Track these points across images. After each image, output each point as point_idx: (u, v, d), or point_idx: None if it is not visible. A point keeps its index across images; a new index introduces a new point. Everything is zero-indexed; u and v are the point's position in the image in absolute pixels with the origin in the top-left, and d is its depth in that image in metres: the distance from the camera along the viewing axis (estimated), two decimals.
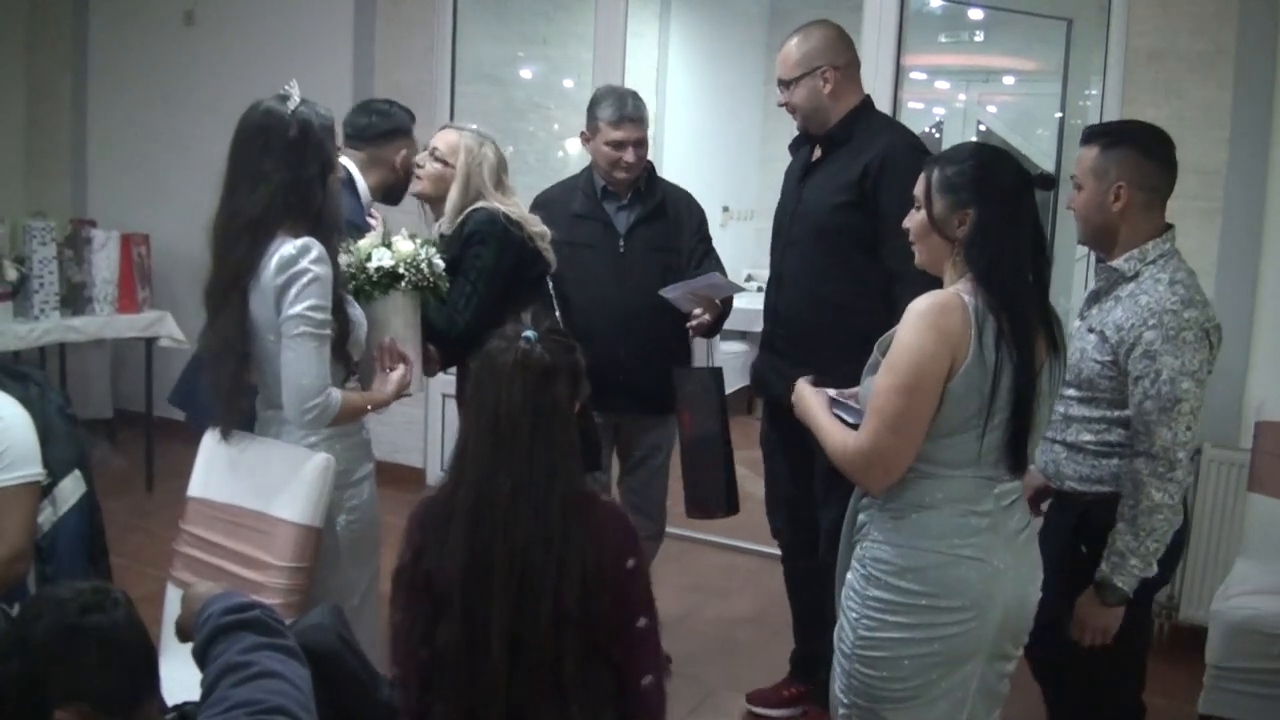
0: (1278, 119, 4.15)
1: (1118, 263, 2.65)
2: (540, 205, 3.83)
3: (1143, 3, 4.32)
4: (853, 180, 3.20)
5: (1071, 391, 2.69)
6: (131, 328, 5.76)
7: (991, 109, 8.16)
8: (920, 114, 8.33)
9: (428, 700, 2.08)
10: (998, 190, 2.24)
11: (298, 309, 2.54)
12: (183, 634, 1.79)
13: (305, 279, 2.54)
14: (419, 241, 2.98)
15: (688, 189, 4.00)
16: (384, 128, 3.61)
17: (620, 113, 3.71)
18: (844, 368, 2.68)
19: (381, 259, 2.89)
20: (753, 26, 8.88)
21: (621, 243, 3.77)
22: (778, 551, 3.80)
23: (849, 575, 2.38)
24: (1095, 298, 2.72)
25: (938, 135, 8.37)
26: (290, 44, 6.20)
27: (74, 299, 5.52)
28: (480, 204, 3.32)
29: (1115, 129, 2.86)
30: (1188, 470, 2.53)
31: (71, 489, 2.90)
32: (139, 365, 6.00)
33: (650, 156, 3.87)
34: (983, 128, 8.17)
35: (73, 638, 1.56)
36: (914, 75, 7.66)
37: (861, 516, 2.40)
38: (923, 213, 2.33)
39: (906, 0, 4.88)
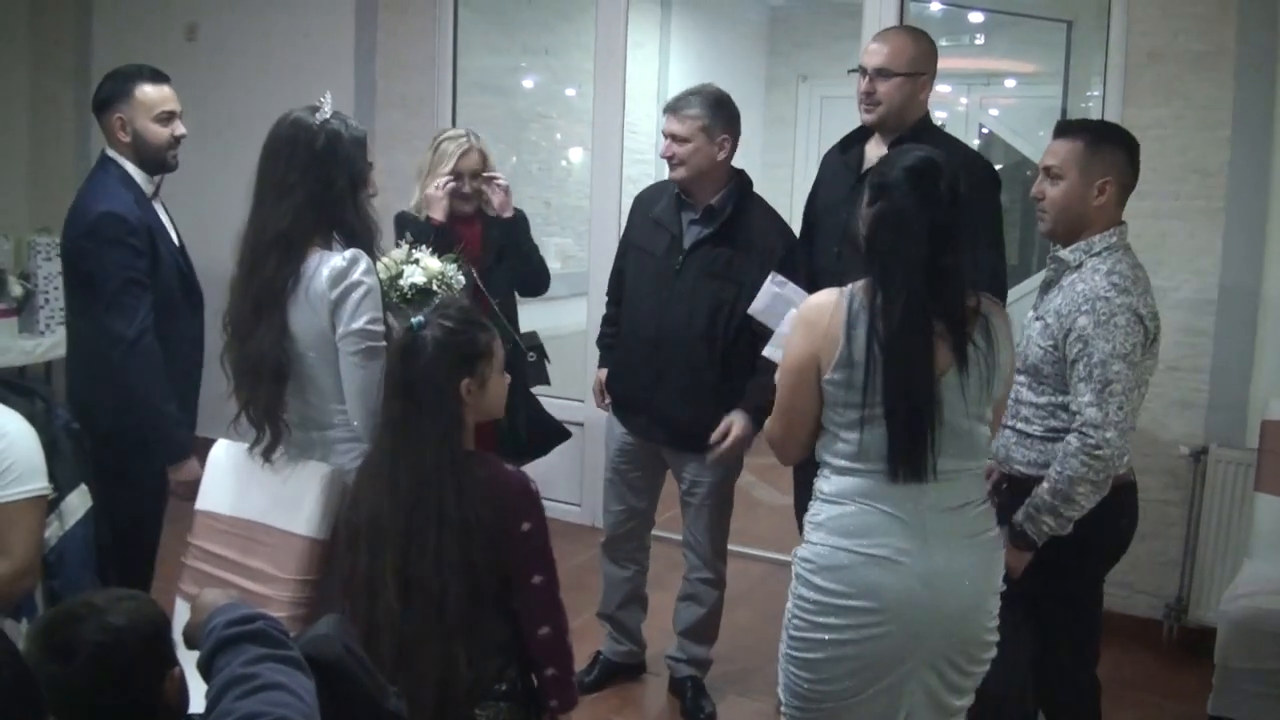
0: (1279, 118, 4.15)
1: (1064, 253, 2.78)
2: (635, 201, 3.83)
3: (1142, 4, 4.32)
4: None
5: (1021, 377, 2.77)
6: None
7: (993, 112, 8.16)
8: None
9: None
10: (902, 190, 2.22)
11: (359, 324, 2.53)
12: (190, 642, 1.79)
13: (360, 292, 2.53)
14: (445, 259, 2.98)
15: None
16: (97, 103, 3.50)
17: (667, 104, 3.55)
18: None
19: (414, 276, 2.89)
20: (752, 35, 8.88)
21: (680, 260, 3.51)
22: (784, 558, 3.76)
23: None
24: (1045, 288, 2.84)
25: None
26: (292, 58, 6.22)
27: None
28: None
29: (1099, 126, 2.94)
30: (1119, 451, 2.60)
31: (78, 503, 2.89)
32: None
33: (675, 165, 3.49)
34: (985, 130, 8.17)
35: (111, 646, 1.63)
36: None
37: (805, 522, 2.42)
38: None
39: (906, 4, 4.88)
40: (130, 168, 3.34)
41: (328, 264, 2.52)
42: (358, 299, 2.52)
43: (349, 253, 2.54)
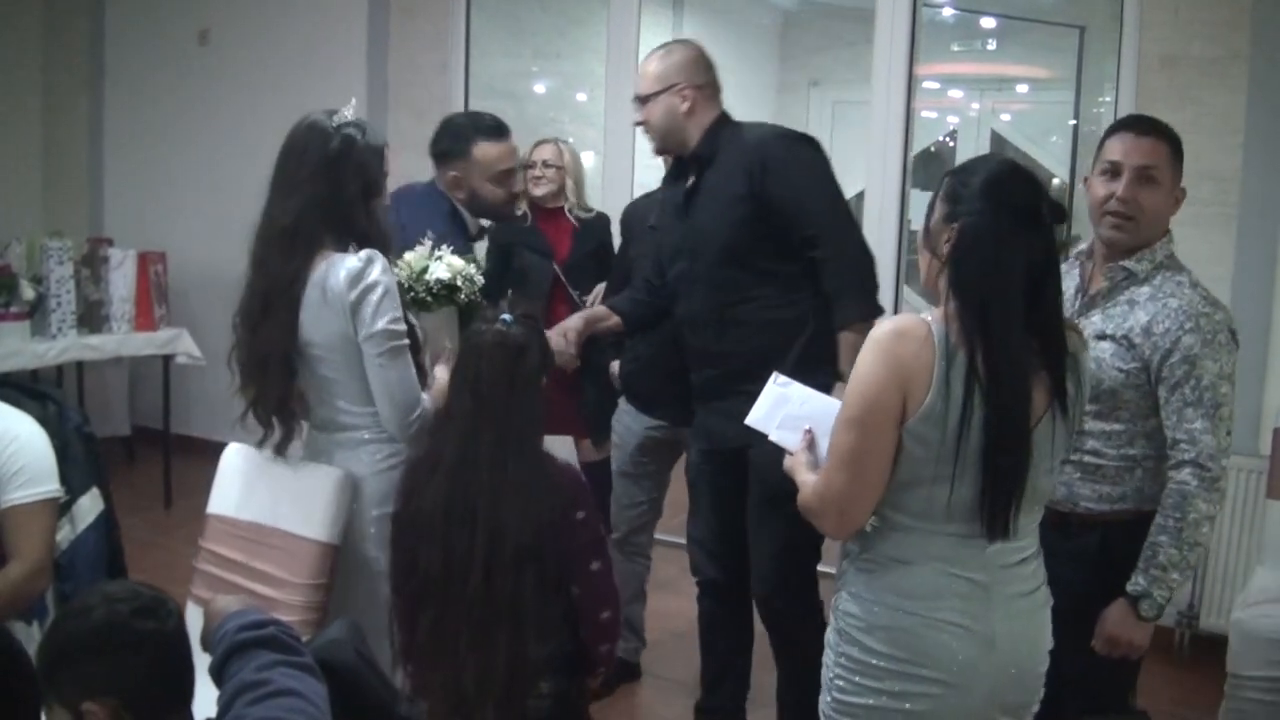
0: None
1: (1130, 263, 2.53)
2: (625, 216, 3.99)
3: (1155, 9, 4.31)
4: (740, 192, 3.02)
5: (1087, 406, 2.50)
6: (149, 345, 5.78)
7: (1005, 117, 8.16)
8: (934, 123, 8.33)
9: (416, 623, 2.44)
10: (995, 205, 1.92)
11: (381, 325, 2.53)
12: (204, 646, 1.80)
13: (378, 292, 2.52)
14: (465, 259, 2.98)
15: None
16: (431, 152, 3.44)
17: None
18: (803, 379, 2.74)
19: (439, 271, 2.89)
20: (765, 38, 8.88)
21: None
22: None
23: (828, 629, 2.19)
24: (1094, 302, 2.58)
25: (952, 144, 8.37)
26: (304, 62, 6.25)
27: (91, 317, 5.55)
28: None
29: (1169, 130, 2.61)
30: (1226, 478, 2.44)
31: (89, 506, 2.91)
32: (156, 383, 6.03)
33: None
34: (997, 136, 8.16)
35: (118, 636, 1.64)
36: (927, 84, 7.66)
37: (843, 564, 2.16)
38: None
39: (919, 9, 4.87)
40: (461, 208, 3.37)
41: (344, 265, 2.52)
42: (377, 300, 2.52)
43: (364, 253, 2.53)
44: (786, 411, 2.31)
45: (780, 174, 2.99)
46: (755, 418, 2.36)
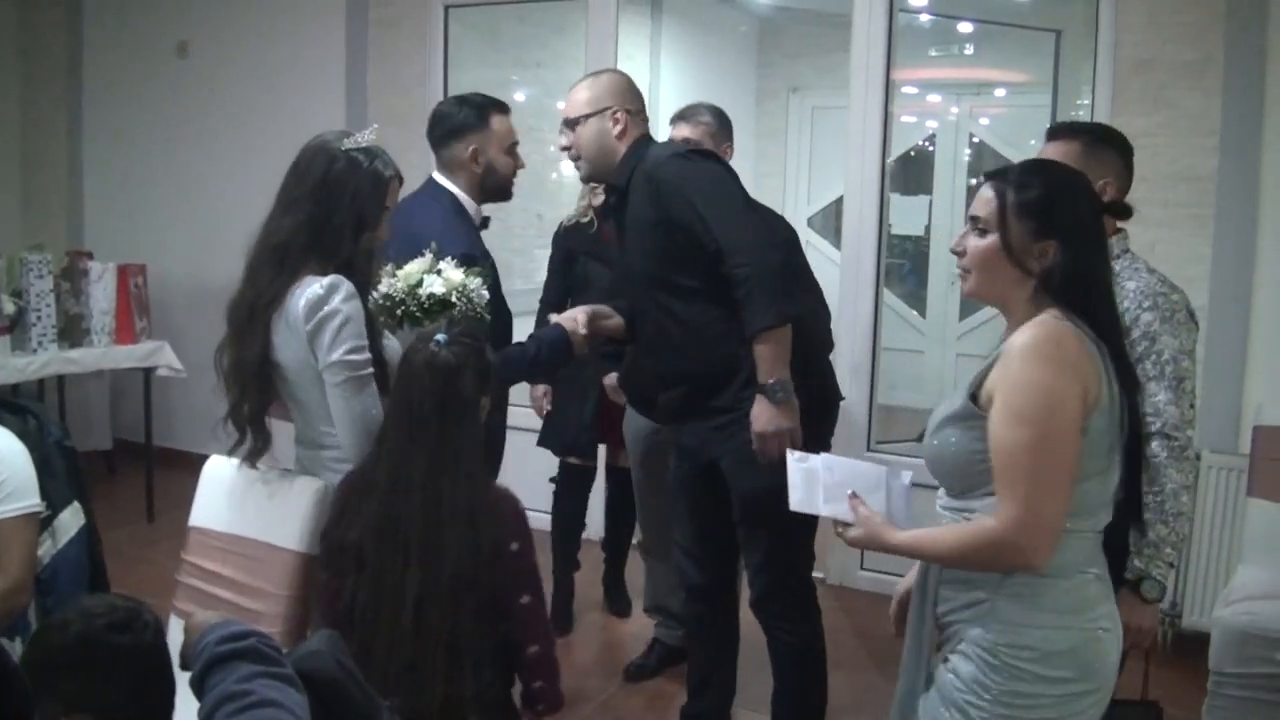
0: (1267, 125, 4.18)
1: None
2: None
3: (1130, 13, 4.35)
4: (650, 218, 3.04)
5: None
6: (130, 358, 5.75)
7: (983, 121, 8.20)
8: (912, 127, 8.38)
9: None
10: (1083, 220, 2.02)
11: (338, 355, 2.49)
12: (184, 662, 1.79)
13: (337, 321, 2.48)
14: (469, 271, 2.89)
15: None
16: (439, 131, 3.33)
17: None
18: (743, 393, 2.86)
19: (433, 286, 2.84)
20: (743, 47, 8.91)
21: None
22: None
23: (947, 673, 2.06)
24: None
25: (931, 148, 8.40)
26: (284, 74, 6.24)
27: (72, 331, 5.52)
28: None
29: (1094, 128, 2.85)
30: (1194, 449, 2.52)
31: (71, 521, 2.90)
32: (138, 396, 6.00)
33: None
34: (975, 139, 8.20)
35: (94, 651, 1.64)
36: (905, 89, 7.71)
37: (948, 604, 2.07)
38: (992, 238, 2.04)
39: (895, 14, 4.90)
40: (463, 197, 3.27)
41: (305, 292, 2.50)
42: (335, 328, 2.49)
43: (328, 280, 2.50)
44: (823, 485, 2.24)
45: (676, 194, 2.97)
46: (797, 501, 2.28)
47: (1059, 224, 1.99)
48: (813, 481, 2.25)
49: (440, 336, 2.39)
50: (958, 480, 2.05)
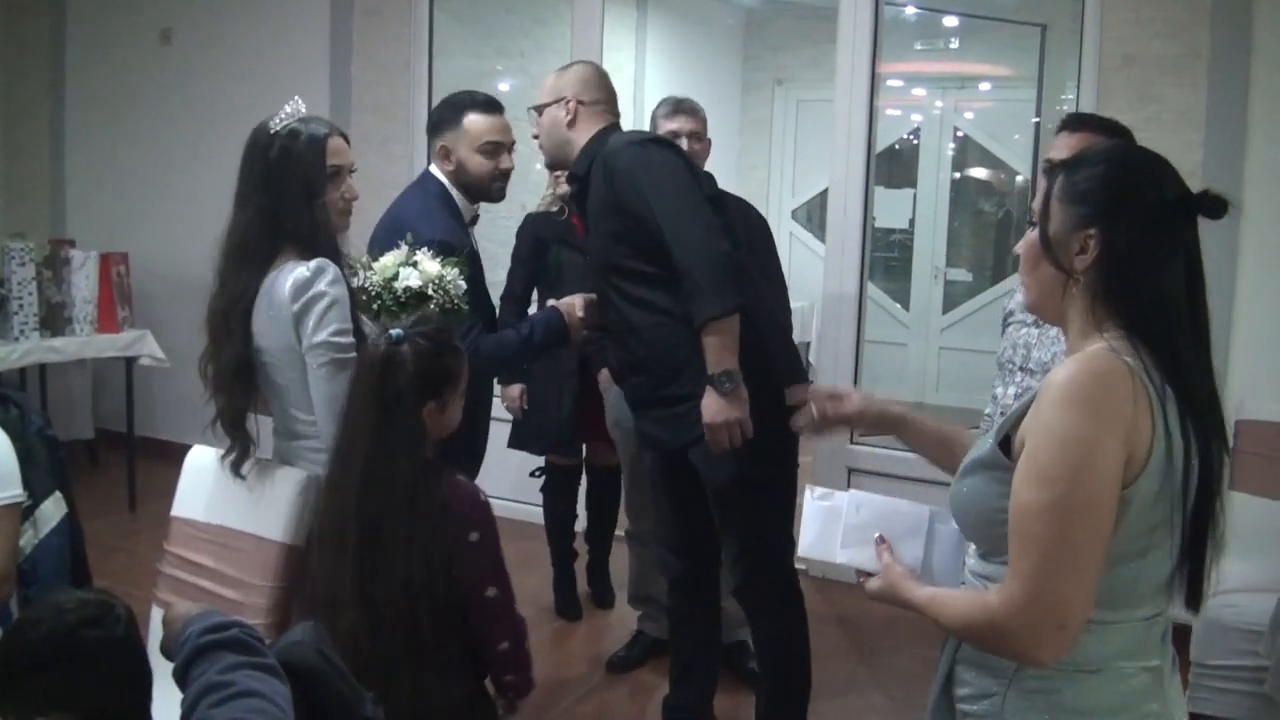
0: (1252, 120, 4.19)
1: None
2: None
3: (1116, 7, 4.35)
4: (608, 204, 3.03)
5: (1034, 380, 2.68)
6: (112, 347, 5.73)
7: (968, 115, 8.22)
8: (897, 121, 8.39)
9: None
10: (1139, 205, 1.58)
11: (322, 336, 2.49)
12: (166, 653, 1.78)
13: (323, 303, 2.48)
14: (446, 263, 2.87)
15: None
16: (427, 125, 3.40)
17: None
18: (703, 380, 2.83)
19: (409, 279, 2.81)
20: (729, 39, 8.91)
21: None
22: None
23: None
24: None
25: (916, 141, 8.42)
26: (267, 62, 6.21)
27: (53, 320, 5.50)
28: None
29: (1114, 124, 2.77)
30: None
31: (53, 510, 2.88)
32: (120, 385, 5.97)
33: None
34: (960, 133, 8.22)
35: (65, 649, 1.61)
36: (890, 83, 7.71)
37: (964, 689, 1.70)
38: (1036, 231, 1.66)
39: (881, 8, 4.90)
40: (453, 190, 3.28)
41: (291, 275, 2.49)
42: (321, 310, 2.49)
43: (314, 262, 2.50)
44: (844, 525, 1.88)
45: (627, 181, 2.96)
46: (807, 544, 1.93)
47: (1104, 208, 1.58)
48: (832, 522, 1.89)
49: (394, 332, 2.35)
50: (982, 539, 1.69)
